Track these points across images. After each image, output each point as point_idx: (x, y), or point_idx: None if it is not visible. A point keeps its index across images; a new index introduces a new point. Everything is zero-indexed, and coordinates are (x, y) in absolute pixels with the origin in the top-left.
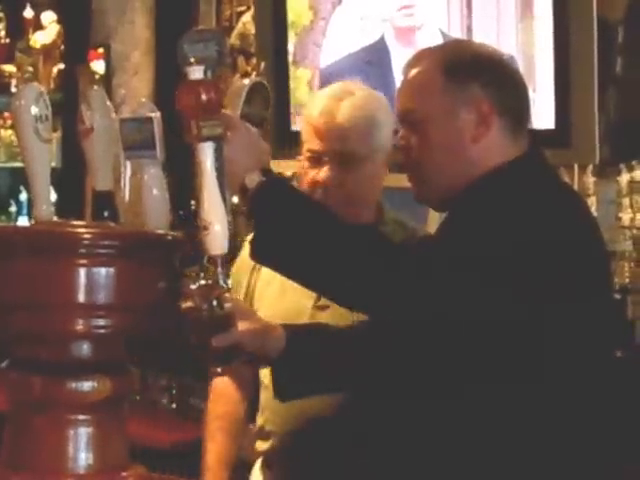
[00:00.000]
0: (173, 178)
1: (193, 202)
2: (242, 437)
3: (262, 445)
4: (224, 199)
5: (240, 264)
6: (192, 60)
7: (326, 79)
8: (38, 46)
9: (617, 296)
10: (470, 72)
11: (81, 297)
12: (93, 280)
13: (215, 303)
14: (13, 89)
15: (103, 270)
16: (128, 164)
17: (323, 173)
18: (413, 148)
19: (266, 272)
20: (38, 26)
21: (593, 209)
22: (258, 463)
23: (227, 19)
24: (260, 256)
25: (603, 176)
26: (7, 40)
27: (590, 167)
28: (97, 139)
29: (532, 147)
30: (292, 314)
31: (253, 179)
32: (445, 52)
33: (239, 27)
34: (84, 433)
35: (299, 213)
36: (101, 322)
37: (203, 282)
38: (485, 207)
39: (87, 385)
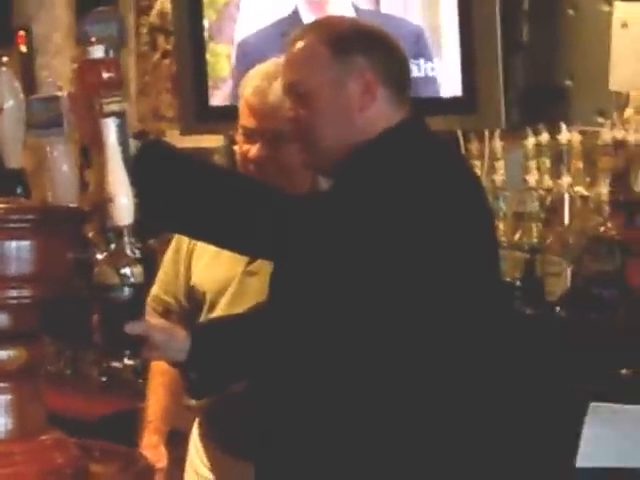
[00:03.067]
0: None
1: None
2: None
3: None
4: (128, 172)
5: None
6: (93, 40)
7: (242, 53)
8: None
9: (527, 255)
10: (354, 44)
11: None
12: (5, 253)
13: (124, 272)
14: None
15: (14, 243)
16: None
17: (255, 150)
18: (302, 119)
19: None
20: None
21: (502, 172)
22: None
23: None
24: (152, 218)
25: (511, 140)
26: None
27: (498, 132)
28: (6, 119)
29: (413, 113)
30: (223, 279)
31: (131, 145)
32: (328, 26)
33: (158, 6)
34: (2, 400)
35: (182, 169)
36: (14, 293)
37: (110, 251)
38: (370, 170)
39: (3, 354)
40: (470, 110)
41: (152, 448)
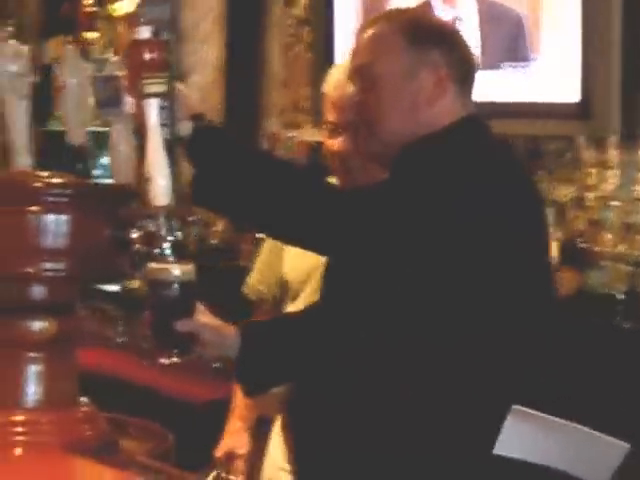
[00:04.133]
0: None
1: None
2: None
3: None
4: (170, 154)
5: None
6: (141, 20)
7: None
8: (120, 14)
9: (630, 268)
10: (429, 37)
11: (31, 242)
12: (42, 226)
13: (158, 251)
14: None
15: (52, 217)
16: None
17: (338, 143)
18: (367, 104)
19: None
20: None
21: (612, 181)
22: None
23: None
24: (202, 199)
25: (628, 149)
26: (93, 9)
27: (613, 139)
28: (68, 95)
29: (475, 112)
30: (308, 269)
31: (185, 127)
32: (402, 16)
33: None
34: (32, 369)
35: (233, 153)
36: (50, 265)
37: (146, 231)
38: (425, 167)
39: (35, 325)
40: (584, 115)
41: (235, 434)
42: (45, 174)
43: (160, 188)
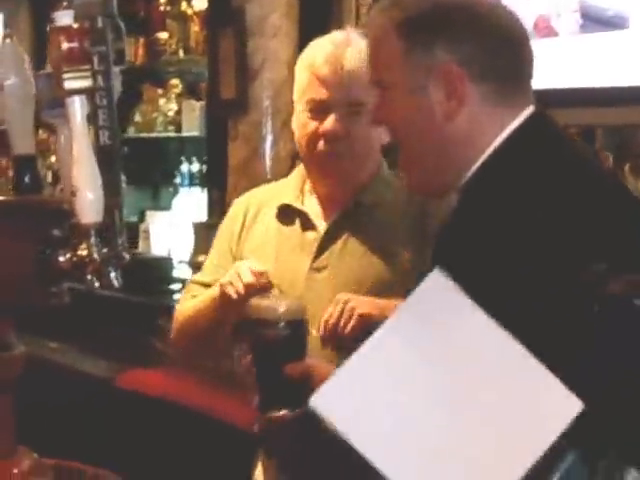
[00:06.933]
0: None
1: None
2: None
3: None
4: (109, 162)
5: (222, 233)
6: (64, 4)
7: None
8: (190, 12)
9: None
10: (433, 27)
11: None
12: None
13: (90, 278)
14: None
15: None
16: None
17: (329, 124)
18: (390, 126)
19: (256, 237)
20: None
21: None
22: None
23: None
24: None
25: None
26: (167, 8)
27: None
28: (9, 98)
29: (536, 110)
30: (288, 278)
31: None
32: (401, 5)
33: None
34: None
35: None
36: None
37: (73, 254)
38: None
39: None
40: None
41: None
42: None
43: (88, 202)
